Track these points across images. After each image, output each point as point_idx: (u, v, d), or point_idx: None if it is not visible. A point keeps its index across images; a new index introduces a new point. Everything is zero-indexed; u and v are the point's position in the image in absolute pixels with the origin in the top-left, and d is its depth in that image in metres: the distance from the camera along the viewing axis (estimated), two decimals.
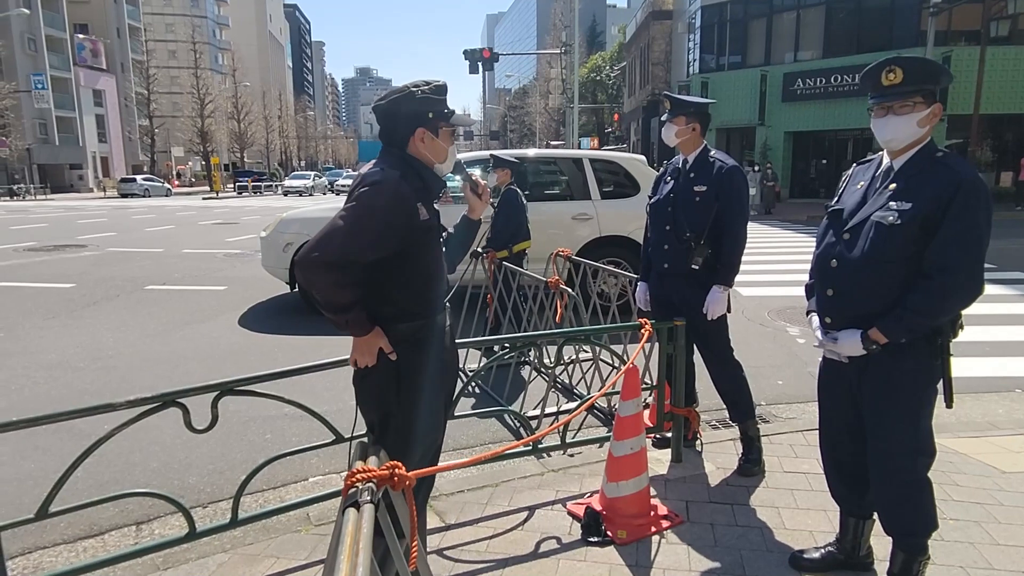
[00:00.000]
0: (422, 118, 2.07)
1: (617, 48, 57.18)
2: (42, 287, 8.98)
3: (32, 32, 45.52)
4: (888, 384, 2.17)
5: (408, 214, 1.98)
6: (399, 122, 2.08)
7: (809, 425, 4.01)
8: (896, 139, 2.14)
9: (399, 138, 2.09)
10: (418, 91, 2.06)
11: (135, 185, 40.18)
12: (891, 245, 2.09)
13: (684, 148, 3.38)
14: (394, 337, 2.03)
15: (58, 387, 4.97)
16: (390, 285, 2.04)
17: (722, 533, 2.82)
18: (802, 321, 6.84)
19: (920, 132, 2.12)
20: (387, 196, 1.95)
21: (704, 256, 3.23)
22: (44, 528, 2.94)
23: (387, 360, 2.03)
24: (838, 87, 23.93)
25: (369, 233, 1.92)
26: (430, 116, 2.07)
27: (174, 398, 2.40)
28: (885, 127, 2.14)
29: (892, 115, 2.13)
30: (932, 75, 2.10)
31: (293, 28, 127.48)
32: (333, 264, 1.89)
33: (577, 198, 7.29)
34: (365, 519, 1.14)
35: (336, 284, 1.92)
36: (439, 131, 2.10)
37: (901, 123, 2.11)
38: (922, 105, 2.10)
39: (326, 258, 1.88)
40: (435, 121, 2.09)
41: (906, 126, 2.11)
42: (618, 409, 2.89)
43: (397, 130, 2.09)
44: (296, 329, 6.59)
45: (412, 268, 2.04)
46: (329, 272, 1.90)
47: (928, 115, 2.11)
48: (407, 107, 2.06)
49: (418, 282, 2.07)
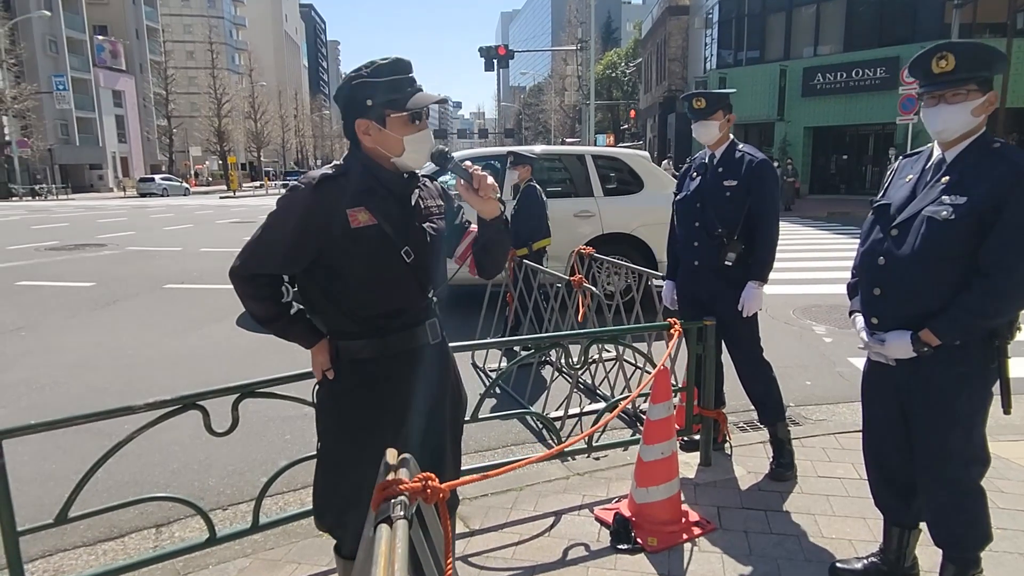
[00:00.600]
0: (360, 107, 1.76)
1: (632, 44, 56.81)
2: (63, 286, 9.04)
3: (53, 34, 46.14)
4: (940, 389, 2.05)
5: (322, 222, 1.72)
6: (343, 114, 1.82)
7: (841, 428, 3.89)
8: (949, 129, 2.02)
9: (348, 133, 1.83)
10: (356, 76, 1.76)
11: (153, 184, 40.63)
12: (945, 241, 1.97)
13: (712, 145, 3.28)
14: (337, 354, 1.85)
15: (78, 386, 4.96)
16: (321, 298, 1.83)
17: (757, 541, 2.72)
18: (828, 319, 6.69)
19: (975, 122, 2.00)
20: (296, 203, 1.74)
21: (738, 252, 3.13)
22: (64, 531, 2.90)
23: (326, 377, 1.88)
24: (859, 81, 23.55)
25: (276, 243, 1.75)
26: (369, 104, 1.75)
27: (194, 400, 2.35)
28: (937, 117, 2.03)
29: (944, 104, 2.01)
30: (987, 61, 1.98)
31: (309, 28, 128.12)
32: (242, 276, 1.80)
33: (580, 195, 7.16)
34: (399, 537, 1.06)
35: (249, 296, 1.82)
36: (387, 119, 1.76)
37: (954, 112, 2.00)
38: (976, 93, 1.98)
39: (236, 270, 1.80)
40: (379, 108, 1.75)
41: (959, 116, 2.00)
42: (648, 412, 2.80)
43: (345, 122, 1.83)
44: None
45: (340, 282, 1.78)
46: (241, 284, 1.81)
47: (983, 103, 1.99)
48: (346, 96, 1.78)
49: (350, 297, 1.80)
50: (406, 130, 1.77)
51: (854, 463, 3.34)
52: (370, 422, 1.84)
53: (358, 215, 1.75)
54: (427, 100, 1.78)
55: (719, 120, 3.22)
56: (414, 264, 1.80)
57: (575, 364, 3.53)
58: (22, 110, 37.65)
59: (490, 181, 1.81)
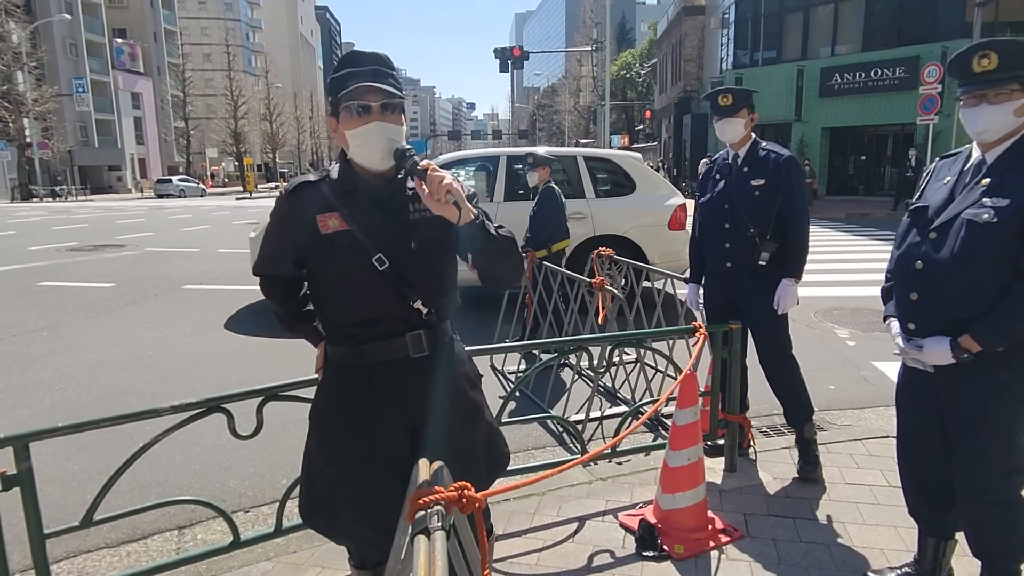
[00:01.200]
0: (331, 107, 1.73)
1: (647, 45, 56.58)
2: (83, 286, 9.13)
3: (73, 37, 46.80)
4: (981, 396, 2.00)
5: (294, 228, 1.71)
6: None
7: (868, 433, 3.82)
8: (990, 130, 1.97)
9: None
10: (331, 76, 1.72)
11: (171, 186, 41.10)
12: (985, 245, 1.92)
13: (735, 144, 3.25)
14: (327, 357, 1.87)
15: (100, 387, 4.99)
16: (313, 302, 1.90)
17: (786, 549, 2.67)
18: (851, 322, 6.59)
19: (1017, 122, 1.94)
20: (277, 208, 1.77)
21: (771, 251, 3.09)
22: (88, 532, 2.90)
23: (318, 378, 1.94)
24: (878, 81, 23.27)
25: (268, 246, 1.83)
26: (330, 100, 1.73)
27: (219, 403, 2.34)
28: (978, 117, 1.97)
29: (986, 104, 1.95)
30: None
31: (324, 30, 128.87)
32: (256, 274, 1.91)
33: (571, 197, 7.06)
34: (438, 548, 1.03)
35: (263, 291, 1.92)
36: (340, 115, 1.68)
37: (996, 113, 1.94)
38: (1020, 93, 1.92)
39: (253, 268, 1.90)
40: (336, 105, 1.68)
41: (1002, 116, 1.94)
42: (674, 418, 2.75)
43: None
44: None
45: (318, 287, 1.80)
46: (260, 282, 1.91)
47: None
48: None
49: (325, 304, 1.79)
50: (349, 124, 1.66)
51: (883, 470, 3.27)
52: (341, 428, 1.79)
53: (328, 221, 1.68)
54: (360, 88, 1.62)
55: (744, 118, 3.18)
56: (389, 272, 1.67)
57: (596, 367, 3.49)
58: (43, 112, 38.20)
59: (445, 182, 1.54)
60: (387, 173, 1.73)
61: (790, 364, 3.29)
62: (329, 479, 1.81)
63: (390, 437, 1.75)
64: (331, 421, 1.82)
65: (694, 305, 3.51)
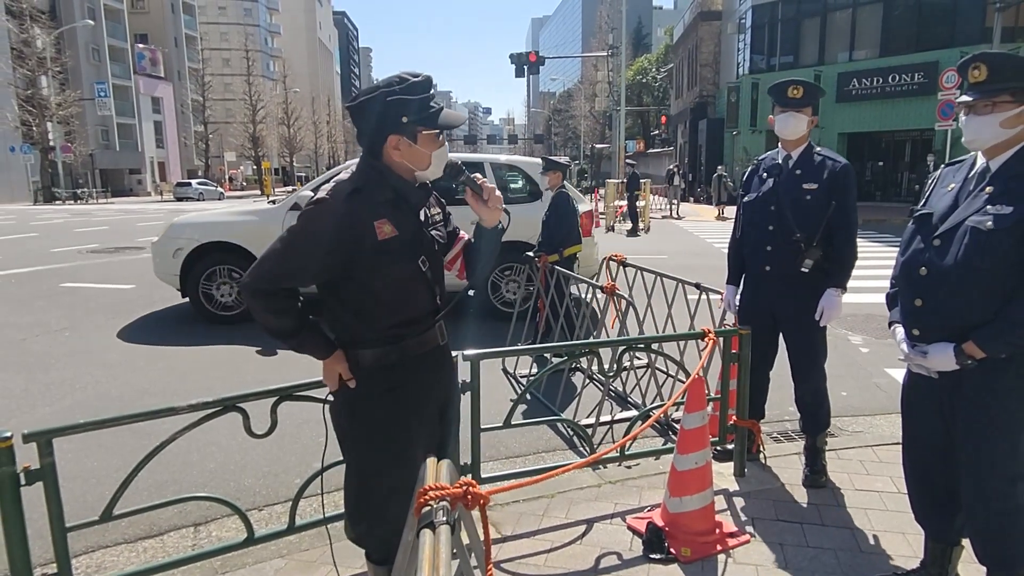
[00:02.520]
0: (395, 123, 1.78)
1: (663, 50, 56.46)
2: (104, 287, 9.29)
3: (96, 42, 47.62)
4: (985, 402, 2.01)
5: (353, 236, 1.75)
6: (371, 127, 1.82)
7: (878, 440, 3.81)
8: (977, 140, 2.00)
9: (371, 145, 1.84)
10: (390, 92, 1.77)
11: (190, 189, 41.65)
12: (989, 252, 1.93)
13: (790, 144, 3.13)
14: (354, 364, 1.87)
15: (119, 386, 5.09)
16: (341, 309, 1.87)
17: (793, 554, 2.68)
18: (864, 329, 6.56)
19: (1005, 134, 1.96)
20: (325, 218, 1.74)
21: (815, 259, 3.00)
22: (107, 527, 2.98)
23: (347, 387, 1.90)
24: (896, 87, 23.08)
25: (302, 257, 1.76)
26: (404, 120, 1.78)
27: (234, 403, 2.40)
28: (966, 127, 2.02)
29: (974, 115, 1.99)
30: (1022, 72, 1.94)
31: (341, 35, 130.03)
32: (263, 290, 1.79)
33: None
34: (443, 542, 1.08)
35: (269, 310, 1.81)
36: (418, 136, 1.81)
37: (982, 124, 1.97)
38: (1009, 104, 1.93)
39: (256, 283, 1.78)
40: (412, 126, 1.79)
41: (987, 127, 1.96)
42: (682, 422, 2.78)
43: (369, 136, 1.83)
44: None
45: (364, 293, 1.82)
46: (261, 298, 1.79)
47: (1015, 116, 1.94)
48: (377, 111, 1.78)
49: (373, 308, 1.84)
50: (433, 146, 1.85)
51: (892, 476, 3.27)
52: (400, 426, 1.89)
53: (383, 227, 1.79)
54: (457, 121, 1.89)
55: (808, 116, 3.07)
56: (428, 272, 1.90)
57: (607, 371, 3.52)
58: (66, 116, 38.90)
59: (498, 193, 1.93)
60: (421, 181, 1.91)
61: (820, 376, 3.24)
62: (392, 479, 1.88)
63: (430, 421, 1.99)
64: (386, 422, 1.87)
65: (730, 308, 3.44)
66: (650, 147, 51.67)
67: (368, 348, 1.86)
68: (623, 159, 24.43)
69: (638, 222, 17.46)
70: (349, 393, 1.90)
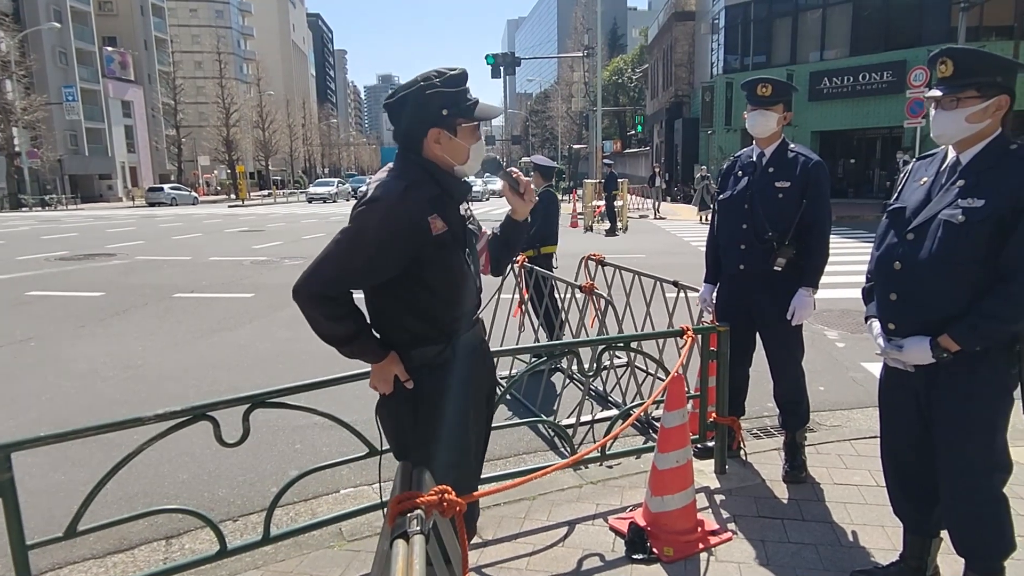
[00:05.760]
0: (435, 116, 1.79)
1: (638, 51, 56.89)
2: (73, 296, 9.08)
3: (63, 45, 46.63)
4: (961, 395, 2.01)
5: (413, 232, 1.74)
6: (410, 122, 1.82)
7: (856, 434, 3.84)
8: (945, 134, 2.01)
9: (412, 140, 1.84)
10: (429, 85, 1.77)
11: (162, 194, 40.94)
12: (962, 245, 1.94)
13: (763, 141, 3.13)
14: (411, 363, 1.85)
15: (88, 396, 4.96)
16: (399, 309, 1.84)
17: (774, 550, 2.67)
18: (840, 324, 6.63)
19: (971, 128, 1.97)
20: (384, 216, 1.72)
21: (788, 257, 2.99)
22: (74, 543, 2.88)
23: (404, 388, 1.87)
24: (866, 85, 23.45)
25: (364, 258, 1.73)
26: (444, 113, 1.79)
27: (204, 411, 2.33)
28: (934, 122, 2.03)
29: (940, 109, 1.99)
30: (988, 68, 1.95)
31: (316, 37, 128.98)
32: (325, 296, 1.75)
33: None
34: (416, 552, 1.04)
35: (330, 316, 1.77)
36: (457, 129, 1.83)
37: (947, 118, 1.98)
38: (975, 100, 1.94)
39: (318, 289, 1.73)
40: (451, 118, 1.81)
41: (953, 122, 1.97)
42: (662, 420, 2.76)
43: (409, 131, 1.83)
44: None
45: (423, 290, 1.81)
46: (322, 304, 1.75)
47: (981, 111, 1.95)
48: (417, 104, 1.79)
49: (432, 304, 1.84)
50: (472, 139, 1.88)
51: (871, 470, 3.29)
52: (464, 422, 1.91)
53: (436, 222, 1.79)
54: (494, 112, 1.94)
55: (779, 113, 3.06)
56: (472, 264, 1.94)
57: (587, 371, 3.49)
58: (32, 121, 37.97)
59: (533, 186, 2.03)
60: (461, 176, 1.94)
61: (798, 373, 3.24)
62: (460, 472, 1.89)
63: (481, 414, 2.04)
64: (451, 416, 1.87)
65: (706, 306, 3.44)
66: (627, 147, 51.97)
67: (425, 346, 1.86)
68: (600, 159, 24.50)
69: (616, 222, 17.51)
70: (407, 394, 1.87)
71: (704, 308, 3.48)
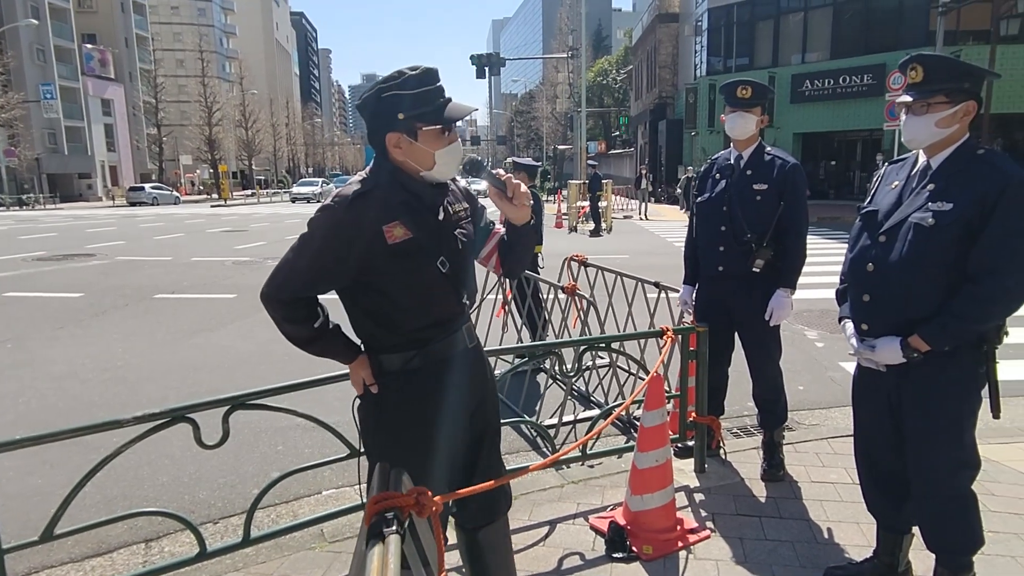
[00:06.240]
0: (391, 121, 1.71)
1: (623, 52, 57.11)
2: (51, 297, 8.96)
3: (41, 42, 45.93)
4: (931, 394, 2.06)
5: (358, 240, 1.68)
6: (370, 126, 1.75)
7: (834, 432, 3.90)
8: (915, 139, 2.06)
9: (376, 145, 1.77)
10: (386, 87, 1.70)
11: (143, 193, 40.46)
12: (932, 248, 1.98)
13: (741, 143, 3.16)
14: (379, 368, 1.83)
15: (66, 399, 4.90)
16: (360, 315, 1.81)
17: (752, 548, 2.72)
18: (819, 324, 6.72)
19: (940, 133, 2.02)
20: (329, 223, 1.69)
21: (766, 258, 3.03)
22: (51, 547, 2.85)
23: (371, 391, 1.85)
24: (846, 88, 23.77)
25: (308, 264, 1.71)
26: (400, 117, 1.70)
27: (183, 413, 2.32)
28: (905, 126, 2.08)
29: (911, 115, 2.04)
30: (957, 74, 2.00)
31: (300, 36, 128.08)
32: (280, 300, 1.75)
33: None
34: (391, 552, 1.05)
35: (287, 319, 1.78)
36: (419, 133, 1.71)
37: (918, 124, 2.03)
38: (943, 105, 1.99)
39: (273, 293, 1.75)
40: (410, 122, 1.71)
41: (923, 127, 2.02)
42: (642, 420, 2.79)
43: (371, 135, 1.77)
44: None
45: (382, 298, 1.76)
46: (279, 307, 1.76)
47: (950, 115, 1.99)
48: (375, 108, 1.72)
49: (392, 313, 1.78)
50: (437, 143, 1.74)
51: (847, 468, 3.34)
52: (422, 433, 1.83)
53: (394, 230, 1.71)
54: (459, 113, 1.76)
55: (758, 115, 3.10)
56: (449, 273, 1.80)
57: (569, 371, 3.52)
58: (9, 119, 37.39)
59: (524, 189, 1.83)
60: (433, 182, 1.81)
61: (776, 372, 3.28)
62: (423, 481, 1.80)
63: (455, 426, 1.88)
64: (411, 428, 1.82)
65: (686, 307, 3.47)
66: (612, 148, 52.18)
67: (391, 353, 1.81)
68: (585, 160, 24.59)
69: (600, 222, 17.59)
70: (373, 398, 1.86)
71: (684, 309, 3.52)
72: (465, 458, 1.95)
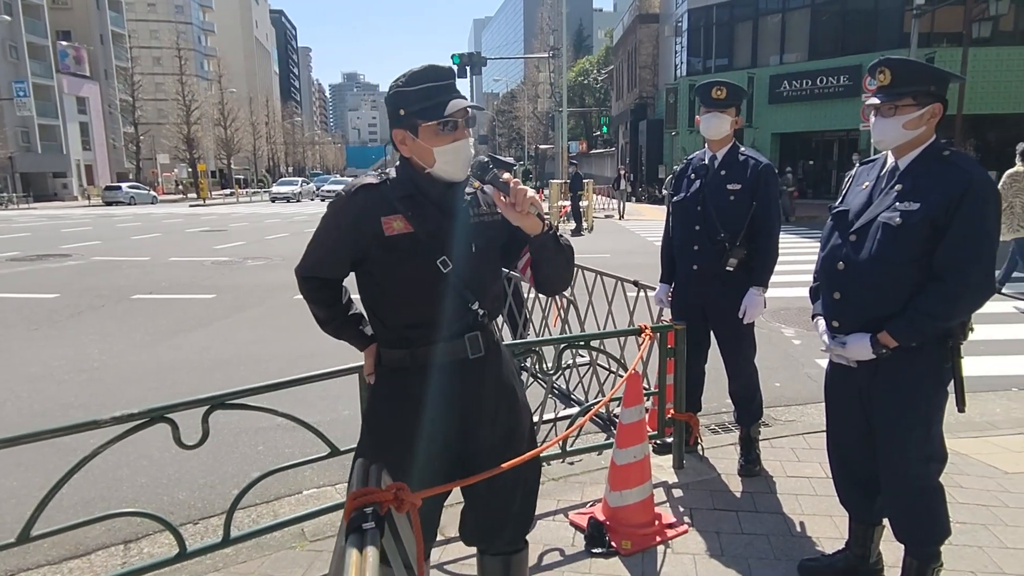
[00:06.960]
0: (395, 117, 1.74)
1: (604, 52, 57.38)
2: (25, 298, 8.81)
3: (13, 39, 45.04)
4: (899, 389, 2.12)
5: (356, 229, 1.72)
6: (389, 121, 1.80)
7: (809, 428, 3.97)
8: (883, 140, 2.12)
9: (393, 140, 1.80)
10: (395, 84, 1.73)
11: (120, 193, 39.84)
12: (900, 246, 2.04)
13: (715, 144, 3.21)
14: (381, 362, 1.85)
15: (42, 400, 4.84)
16: (365, 305, 1.86)
17: (728, 541, 2.76)
18: (797, 322, 6.82)
19: (908, 135, 2.07)
20: (336, 209, 1.77)
21: (740, 257, 3.08)
22: (28, 549, 2.83)
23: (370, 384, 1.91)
24: (824, 88, 24.11)
25: (321, 248, 1.82)
26: (401, 113, 1.72)
27: (162, 413, 2.31)
28: (874, 128, 2.14)
29: (880, 117, 2.10)
30: (923, 77, 2.06)
31: (279, 34, 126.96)
32: (299, 276, 1.88)
33: None
34: (370, 547, 1.07)
35: (306, 296, 1.89)
36: (419, 129, 1.71)
37: (887, 125, 2.08)
38: (911, 107, 2.05)
39: (299, 269, 1.88)
40: (410, 119, 1.71)
41: (891, 128, 2.08)
42: (620, 417, 2.83)
43: (390, 131, 1.80)
44: (286, 338, 6.48)
45: (374, 289, 1.77)
46: (300, 283, 1.89)
47: (917, 118, 2.05)
48: (388, 105, 1.77)
49: (384, 306, 1.78)
50: (436, 140, 1.70)
51: (822, 463, 3.40)
52: (399, 435, 1.79)
53: (393, 223, 1.71)
54: (456, 107, 1.69)
55: (732, 116, 3.14)
56: (452, 274, 1.73)
57: (549, 370, 3.55)
58: None
59: (530, 195, 1.67)
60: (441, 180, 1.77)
61: (751, 370, 3.34)
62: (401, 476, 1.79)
63: (441, 438, 1.78)
64: (383, 424, 1.83)
65: (662, 305, 3.52)
66: (592, 148, 52.36)
67: (387, 348, 1.82)
68: (566, 160, 24.68)
69: (581, 222, 17.67)
70: (370, 389, 1.91)
71: (661, 307, 3.57)
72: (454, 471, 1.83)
